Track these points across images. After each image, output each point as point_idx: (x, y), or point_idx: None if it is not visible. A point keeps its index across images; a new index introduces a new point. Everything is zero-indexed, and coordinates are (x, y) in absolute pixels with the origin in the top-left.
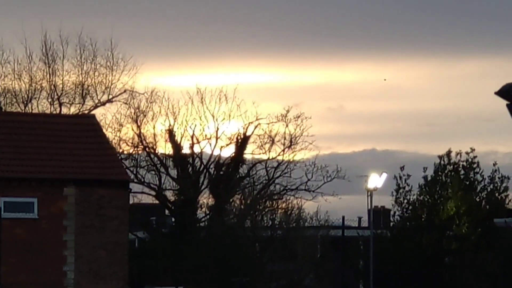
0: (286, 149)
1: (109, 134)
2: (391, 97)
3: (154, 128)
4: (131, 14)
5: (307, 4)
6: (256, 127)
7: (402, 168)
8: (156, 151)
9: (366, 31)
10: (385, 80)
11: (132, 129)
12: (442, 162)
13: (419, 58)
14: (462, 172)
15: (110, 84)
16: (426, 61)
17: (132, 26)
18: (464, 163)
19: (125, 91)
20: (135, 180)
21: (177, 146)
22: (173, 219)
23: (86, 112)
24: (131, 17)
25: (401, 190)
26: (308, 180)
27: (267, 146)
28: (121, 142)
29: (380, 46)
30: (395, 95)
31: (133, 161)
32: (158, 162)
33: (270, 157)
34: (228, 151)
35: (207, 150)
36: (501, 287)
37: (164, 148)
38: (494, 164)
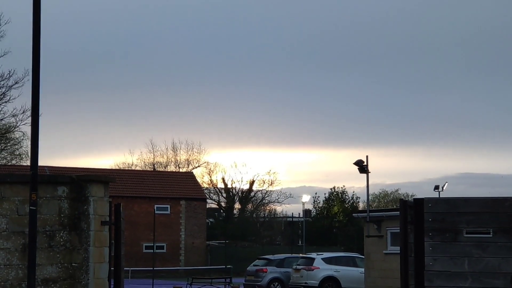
0: (269, 185)
1: (198, 179)
2: (311, 166)
3: (216, 177)
4: (204, 128)
5: (283, 123)
6: (257, 176)
7: (316, 193)
8: (217, 186)
9: (307, 137)
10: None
11: (208, 178)
12: (332, 191)
13: (326, 151)
14: (340, 195)
15: (198, 159)
16: (337, 151)
17: (208, 133)
18: (340, 191)
19: (204, 162)
20: (208, 198)
21: (225, 184)
22: (223, 214)
23: (189, 171)
24: (204, 128)
25: (316, 202)
26: (278, 197)
27: (262, 184)
28: (202, 183)
29: (296, 146)
30: (312, 165)
31: (208, 190)
32: (218, 190)
33: (263, 188)
34: (246, 186)
35: (237, 186)
36: (355, 244)
37: (222, 184)
38: (353, 192)
